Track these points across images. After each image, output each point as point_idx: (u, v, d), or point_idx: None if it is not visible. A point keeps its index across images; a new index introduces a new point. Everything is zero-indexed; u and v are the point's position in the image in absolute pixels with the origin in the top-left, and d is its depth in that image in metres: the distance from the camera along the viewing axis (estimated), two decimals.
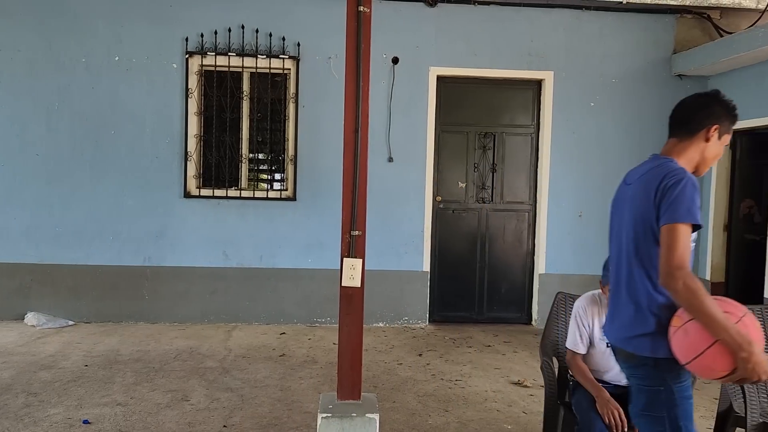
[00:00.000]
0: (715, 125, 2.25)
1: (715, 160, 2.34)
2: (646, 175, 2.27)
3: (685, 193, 2.10)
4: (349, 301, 3.02)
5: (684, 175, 2.15)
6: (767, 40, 5.08)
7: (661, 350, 2.13)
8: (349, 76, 3.00)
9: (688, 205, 2.09)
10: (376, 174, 6.20)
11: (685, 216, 2.08)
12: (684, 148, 2.29)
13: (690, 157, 2.28)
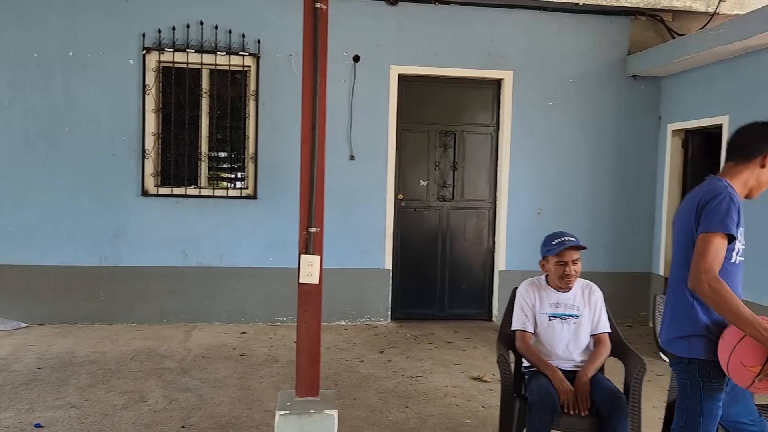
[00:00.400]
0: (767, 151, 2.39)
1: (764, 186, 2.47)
2: (695, 192, 2.45)
3: (721, 206, 2.30)
4: (307, 298, 3.02)
5: (723, 190, 2.34)
6: (715, 42, 5.24)
7: (695, 352, 2.34)
8: (306, 72, 3.00)
9: (722, 217, 2.28)
10: (337, 172, 6.21)
11: (718, 226, 2.28)
12: (739, 171, 2.43)
13: (744, 180, 2.43)
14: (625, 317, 6.58)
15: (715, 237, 2.28)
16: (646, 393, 4.33)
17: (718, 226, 2.28)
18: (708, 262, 2.24)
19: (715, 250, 2.27)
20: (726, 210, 2.29)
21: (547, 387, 2.86)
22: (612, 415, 2.76)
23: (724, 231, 2.28)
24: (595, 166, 6.59)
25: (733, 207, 2.31)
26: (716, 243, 2.27)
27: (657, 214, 6.61)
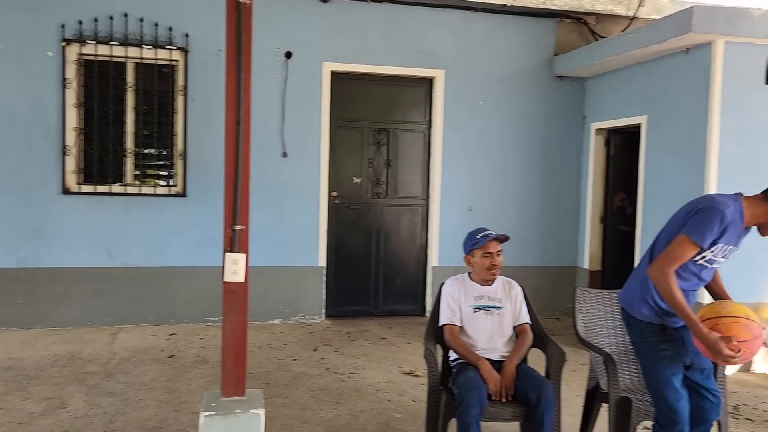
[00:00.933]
0: None
1: None
2: (704, 196, 2.86)
3: (705, 219, 2.65)
4: (232, 297, 2.98)
5: (720, 206, 2.66)
6: (634, 45, 5.48)
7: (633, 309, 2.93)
8: (230, 68, 2.95)
9: (701, 228, 2.64)
10: (270, 169, 6.15)
11: (693, 234, 2.66)
12: (758, 205, 2.72)
13: (757, 214, 2.72)
14: (553, 310, 6.80)
15: (687, 242, 2.67)
16: (570, 382, 4.52)
17: (692, 234, 2.66)
18: (669, 261, 2.68)
19: (681, 252, 2.68)
20: (707, 223, 2.65)
21: (474, 380, 2.92)
22: (540, 401, 2.86)
23: (695, 240, 2.65)
24: (524, 163, 6.77)
25: (716, 223, 2.64)
26: (685, 247, 2.68)
27: (582, 210, 6.86)
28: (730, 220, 2.66)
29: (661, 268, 2.69)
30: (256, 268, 5.87)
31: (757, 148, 5.03)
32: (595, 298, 3.59)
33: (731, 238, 2.72)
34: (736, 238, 2.76)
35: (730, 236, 2.71)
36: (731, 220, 2.66)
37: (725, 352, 2.56)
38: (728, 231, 2.68)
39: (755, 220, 2.73)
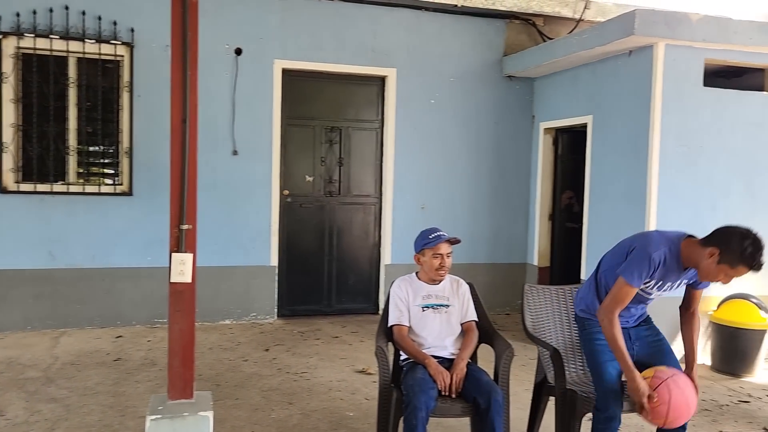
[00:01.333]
0: (719, 250, 2.68)
1: (708, 275, 2.78)
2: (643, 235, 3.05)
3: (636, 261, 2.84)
4: (179, 298, 2.92)
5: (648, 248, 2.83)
6: (580, 46, 5.61)
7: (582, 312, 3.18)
8: (175, 64, 2.89)
9: (633, 269, 2.83)
10: (220, 167, 6.06)
11: (627, 275, 2.84)
12: (694, 249, 2.79)
13: (692, 258, 2.80)
14: (504, 306, 6.91)
15: (625, 284, 2.86)
16: (519, 377, 4.61)
17: (627, 276, 2.84)
18: (614, 305, 2.87)
19: (622, 295, 2.87)
20: (636, 265, 2.83)
21: (421, 382, 2.93)
22: (490, 407, 2.89)
23: (629, 282, 2.84)
24: (475, 162, 6.86)
25: (645, 265, 2.81)
26: (624, 290, 2.86)
27: (531, 208, 6.99)
28: (657, 263, 2.80)
29: (606, 313, 2.88)
30: (206, 268, 5.85)
31: (695, 147, 5.23)
32: (543, 294, 3.66)
33: (667, 277, 2.88)
34: (675, 278, 2.91)
35: (664, 275, 2.86)
36: (659, 262, 2.80)
37: (644, 403, 2.75)
38: (659, 271, 2.84)
39: (690, 263, 2.82)
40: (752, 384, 4.86)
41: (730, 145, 5.29)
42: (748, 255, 2.63)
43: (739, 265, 2.65)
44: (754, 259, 2.62)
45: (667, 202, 5.16)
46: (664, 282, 2.91)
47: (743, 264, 2.64)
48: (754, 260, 2.63)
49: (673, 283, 2.94)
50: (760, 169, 5.36)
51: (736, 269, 2.67)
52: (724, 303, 5.15)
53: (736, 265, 2.66)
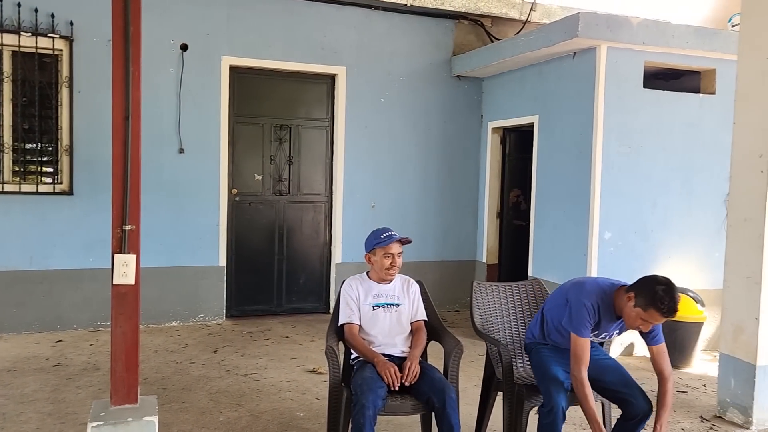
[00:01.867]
0: (634, 294, 2.87)
1: (629, 321, 2.92)
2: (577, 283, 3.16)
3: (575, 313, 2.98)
4: (122, 300, 2.84)
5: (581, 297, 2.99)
6: (527, 47, 5.72)
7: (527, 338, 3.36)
8: (116, 59, 2.80)
9: (577, 323, 2.96)
10: (166, 166, 5.93)
11: (575, 329, 2.97)
12: (621, 298, 2.95)
13: (619, 306, 2.96)
14: (453, 303, 6.99)
15: (577, 339, 2.96)
16: (468, 372, 4.67)
17: (575, 330, 2.97)
18: (578, 364, 2.93)
19: (580, 351, 2.95)
20: (578, 317, 2.97)
21: (370, 381, 2.93)
22: (445, 405, 2.91)
23: (580, 335, 2.95)
24: (425, 161, 6.91)
25: (584, 314, 2.95)
26: (578, 343, 2.95)
27: (480, 206, 7.09)
28: (594, 310, 2.96)
29: (575, 375, 2.94)
30: (151, 269, 5.72)
31: (636, 147, 5.40)
32: (491, 291, 3.72)
33: (603, 326, 3.03)
34: (610, 326, 3.05)
35: (599, 323, 3.01)
36: (594, 310, 2.96)
37: None
38: (602, 322, 3.00)
39: (618, 310, 2.98)
40: (690, 375, 5.07)
41: (668, 144, 5.50)
42: (658, 299, 2.76)
43: (650, 309, 2.79)
44: (663, 302, 2.76)
45: (610, 200, 5.32)
46: (602, 331, 3.07)
47: (653, 307, 2.78)
48: (663, 304, 2.76)
49: (609, 332, 3.10)
50: (696, 167, 5.59)
51: (648, 312, 2.80)
52: None
53: (647, 309, 2.80)
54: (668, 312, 2.77)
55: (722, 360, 4.13)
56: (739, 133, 4.05)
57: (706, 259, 5.62)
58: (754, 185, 3.91)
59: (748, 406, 3.91)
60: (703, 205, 5.61)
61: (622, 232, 5.40)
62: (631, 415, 3.00)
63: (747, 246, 3.96)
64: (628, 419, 3.01)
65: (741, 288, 4.00)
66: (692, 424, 4.00)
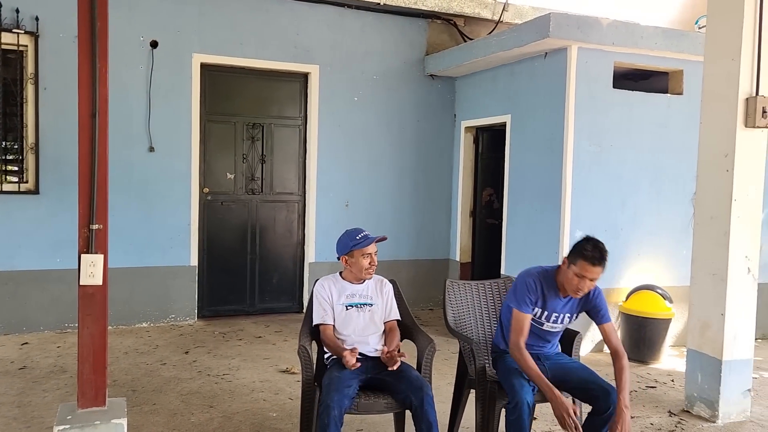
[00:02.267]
0: (566, 258, 3.06)
1: (570, 285, 3.05)
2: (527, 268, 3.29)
3: (515, 286, 3.18)
4: (89, 301, 2.78)
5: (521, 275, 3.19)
6: (499, 47, 5.76)
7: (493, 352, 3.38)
8: (83, 55, 2.75)
9: (515, 296, 3.13)
10: (136, 164, 5.84)
11: (512, 302, 3.14)
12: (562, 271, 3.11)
13: (558, 278, 3.13)
14: (427, 301, 7.01)
15: (515, 311, 3.11)
16: (442, 370, 4.69)
17: (513, 302, 3.13)
18: (514, 336, 3.08)
19: (517, 322, 3.10)
20: (516, 290, 3.14)
21: (337, 380, 2.91)
22: (423, 403, 2.92)
23: (516, 307, 3.11)
24: (399, 159, 6.92)
25: (522, 288, 3.12)
26: (516, 317, 3.10)
27: (453, 205, 7.13)
28: (533, 285, 3.12)
29: (512, 344, 3.08)
30: (121, 269, 5.64)
31: (606, 146, 5.48)
32: (464, 289, 3.74)
33: (549, 305, 3.15)
34: (559, 306, 3.16)
35: (546, 303, 3.14)
36: (534, 284, 3.12)
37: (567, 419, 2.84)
38: (539, 296, 3.13)
39: (561, 284, 3.11)
40: (659, 370, 5.16)
41: (637, 144, 5.59)
42: (583, 249, 2.97)
43: (579, 260, 2.96)
44: (587, 250, 2.95)
45: (581, 199, 5.39)
46: (550, 311, 3.17)
47: (581, 258, 2.96)
48: (588, 251, 2.95)
49: (560, 314, 3.18)
50: (664, 166, 5.69)
51: (579, 265, 2.96)
52: (632, 294, 5.43)
53: (577, 261, 2.97)
54: (593, 258, 2.94)
55: (689, 355, 4.21)
56: (706, 133, 4.13)
57: (673, 256, 5.72)
58: (720, 184, 3.99)
59: (714, 400, 4.00)
60: (671, 203, 5.72)
61: (592, 230, 5.42)
62: (602, 409, 3.04)
63: (713, 244, 4.04)
64: (599, 413, 3.05)
65: (707, 285, 4.08)
66: (661, 419, 4.07)
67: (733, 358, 3.98)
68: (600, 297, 3.17)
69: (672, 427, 3.95)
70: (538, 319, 3.18)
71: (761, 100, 3.85)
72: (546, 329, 3.22)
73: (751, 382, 4.13)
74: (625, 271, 5.59)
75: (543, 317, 3.18)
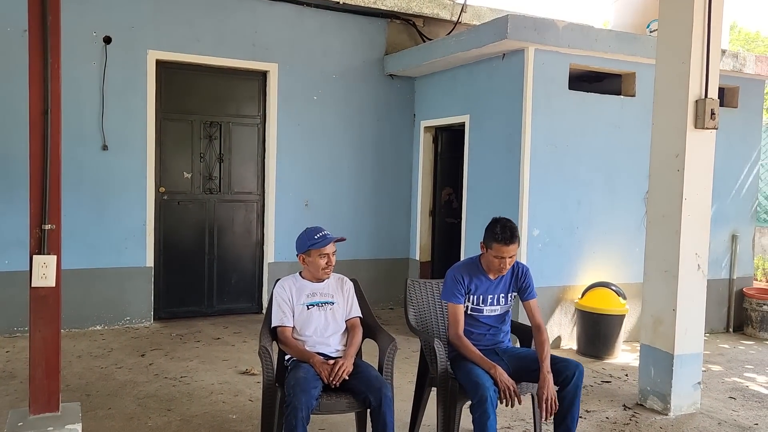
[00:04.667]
0: (482, 243, 3.29)
1: (492, 267, 3.28)
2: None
3: (446, 280, 3.35)
4: (41, 304, 2.70)
5: (450, 272, 3.35)
6: (458, 48, 5.81)
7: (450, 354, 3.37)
8: (33, 51, 2.67)
9: (446, 290, 3.33)
10: (88, 163, 5.69)
11: (444, 296, 3.35)
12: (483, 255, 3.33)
13: (482, 262, 3.35)
14: (387, 300, 7.03)
15: (451, 305, 3.30)
16: (402, 369, 4.71)
17: (446, 296, 3.34)
18: (452, 328, 3.28)
19: (452, 316, 3.29)
20: (447, 284, 3.33)
21: (302, 381, 2.89)
22: (381, 403, 2.92)
23: (447, 300, 3.31)
24: (358, 159, 6.91)
25: (450, 282, 3.30)
26: (453, 310, 3.30)
27: (413, 204, 7.16)
28: (460, 276, 3.30)
29: (451, 335, 3.28)
30: (73, 271, 5.48)
31: (562, 147, 5.59)
32: (424, 288, 3.76)
33: (481, 289, 3.33)
34: (490, 289, 3.35)
35: (477, 287, 3.33)
36: (460, 275, 3.30)
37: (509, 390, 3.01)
38: (468, 283, 3.31)
39: (485, 267, 3.32)
40: (613, 365, 5.29)
41: (592, 144, 5.72)
42: (494, 233, 3.20)
43: (493, 243, 3.20)
44: (497, 232, 3.18)
45: (538, 198, 5.49)
46: (484, 295, 3.34)
47: (494, 241, 3.19)
48: (497, 233, 3.17)
49: (495, 295, 3.36)
50: (618, 166, 5.84)
51: (495, 248, 3.19)
52: (587, 291, 5.56)
53: (492, 244, 3.20)
54: (504, 238, 3.16)
55: (642, 350, 4.34)
56: (657, 134, 4.26)
57: (627, 254, 5.88)
58: (671, 183, 4.12)
59: (667, 394, 4.13)
60: (625, 202, 5.88)
61: (549, 228, 5.58)
62: (567, 380, 3.12)
63: (665, 241, 4.17)
64: (566, 384, 3.12)
65: (660, 281, 4.20)
66: (615, 413, 4.18)
67: (684, 353, 4.12)
68: (528, 276, 3.39)
69: (627, 420, 4.06)
70: (476, 306, 3.34)
71: (710, 102, 3.99)
72: (488, 314, 3.37)
73: (701, 375, 4.27)
74: (580, 268, 5.72)
75: (480, 302, 3.34)
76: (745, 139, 6.55)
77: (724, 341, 6.22)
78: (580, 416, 3.99)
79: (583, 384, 3.22)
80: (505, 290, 3.39)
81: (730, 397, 4.55)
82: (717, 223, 6.01)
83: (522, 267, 3.41)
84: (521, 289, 3.39)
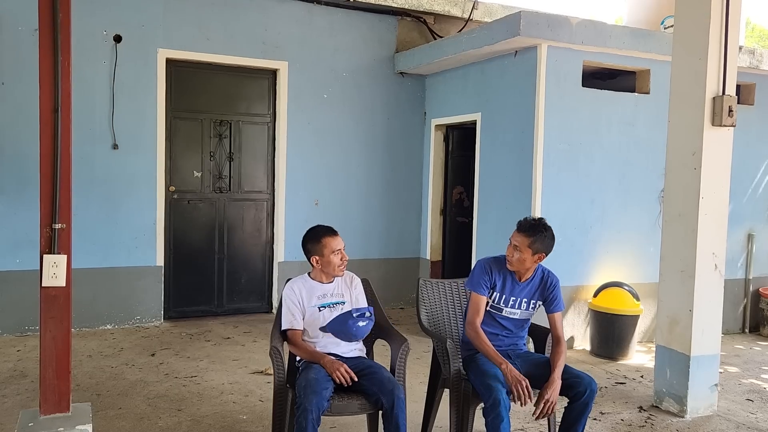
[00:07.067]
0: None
1: (512, 259, 3.24)
2: None
3: (473, 271, 3.32)
4: (52, 303, 2.68)
5: (480, 262, 3.32)
6: (469, 45, 5.76)
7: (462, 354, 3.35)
8: (44, 49, 2.65)
9: (472, 279, 3.28)
10: (99, 162, 5.69)
11: (469, 285, 3.30)
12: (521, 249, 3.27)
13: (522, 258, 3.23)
14: (398, 300, 6.99)
15: (471, 293, 3.26)
16: (414, 369, 4.66)
17: (469, 285, 3.29)
18: (469, 316, 3.23)
19: (472, 304, 3.24)
20: (474, 273, 3.28)
21: (314, 383, 2.85)
22: (394, 405, 2.89)
23: (472, 289, 3.26)
24: (368, 157, 6.87)
25: (479, 271, 3.26)
26: (473, 298, 3.25)
27: (424, 203, 7.12)
28: (489, 267, 3.26)
29: (469, 325, 3.22)
30: (83, 270, 5.48)
31: (575, 144, 5.53)
32: (437, 288, 3.72)
33: (507, 289, 3.26)
34: (516, 291, 3.27)
35: (503, 286, 3.26)
36: (489, 266, 3.26)
37: (520, 389, 2.95)
38: (496, 279, 3.25)
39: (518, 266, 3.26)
40: (627, 366, 5.23)
41: (606, 142, 5.65)
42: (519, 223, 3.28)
43: (514, 232, 3.26)
44: (520, 221, 3.29)
45: (551, 197, 5.43)
46: (507, 295, 3.26)
47: (516, 230, 3.26)
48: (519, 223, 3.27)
49: (518, 298, 3.28)
50: (632, 164, 5.77)
51: (513, 236, 3.26)
52: (601, 291, 5.49)
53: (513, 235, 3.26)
54: (519, 225, 3.24)
55: (658, 351, 4.27)
56: (674, 132, 4.19)
57: (642, 253, 5.81)
58: (688, 182, 4.06)
59: (683, 396, 4.06)
60: (639, 201, 5.80)
61: (562, 227, 5.50)
62: (578, 396, 3.05)
63: (681, 241, 4.10)
64: (576, 400, 3.06)
65: (675, 281, 4.14)
66: (630, 414, 4.12)
67: (700, 354, 4.05)
68: (557, 288, 3.31)
69: (642, 422, 4.00)
70: (496, 304, 3.27)
71: (727, 99, 3.92)
72: (506, 315, 3.28)
73: (718, 377, 4.20)
74: (593, 268, 5.65)
75: (501, 302, 3.27)
76: (762, 137, 6.45)
77: (740, 342, 6.14)
78: (595, 418, 3.95)
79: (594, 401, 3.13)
80: (529, 296, 3.30)
81: (747, 399, 4.48)
82: (732, 222, 5.91)
83: (552, 278, 3.32)
84: (547, 299, 3.29)
